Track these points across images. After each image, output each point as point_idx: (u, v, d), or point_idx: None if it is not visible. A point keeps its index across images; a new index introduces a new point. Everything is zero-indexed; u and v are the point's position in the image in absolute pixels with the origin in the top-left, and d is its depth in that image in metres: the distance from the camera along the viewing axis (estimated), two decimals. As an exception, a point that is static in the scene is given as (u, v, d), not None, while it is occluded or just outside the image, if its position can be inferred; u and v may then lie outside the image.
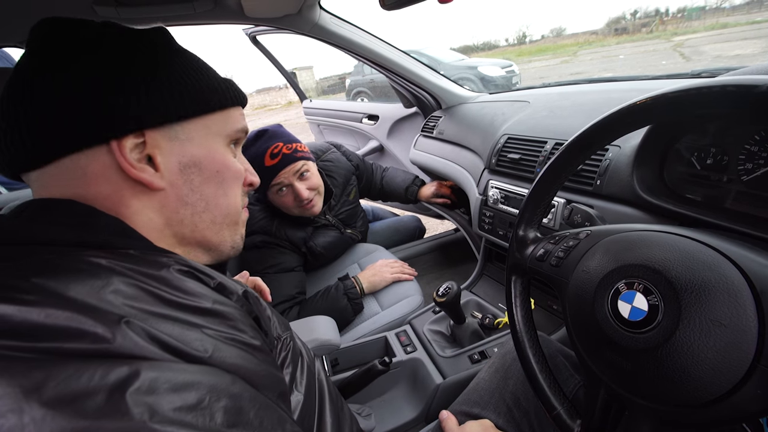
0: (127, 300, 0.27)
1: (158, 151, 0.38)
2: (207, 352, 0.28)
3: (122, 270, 0.29)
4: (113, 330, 0.24)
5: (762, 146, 0.55)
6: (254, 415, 0.27)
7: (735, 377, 0.32)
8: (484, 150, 1.18)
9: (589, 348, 0.43)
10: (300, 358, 0.48)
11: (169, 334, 0.27)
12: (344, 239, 1.33)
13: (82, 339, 0.23)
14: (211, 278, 0.36)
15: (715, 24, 26.70)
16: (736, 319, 0.32)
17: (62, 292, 0.25)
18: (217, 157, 0.42)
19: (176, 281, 0.32)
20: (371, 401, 0.91)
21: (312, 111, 2.48)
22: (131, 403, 0.22)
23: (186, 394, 0.24)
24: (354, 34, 1.28)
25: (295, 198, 1.10)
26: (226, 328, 0.32)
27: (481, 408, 0.64)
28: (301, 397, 0.43)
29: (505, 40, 72.99)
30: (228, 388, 0.27)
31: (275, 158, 1.05)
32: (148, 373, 0.23)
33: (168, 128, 0.39)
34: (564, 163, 0.53)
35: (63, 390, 0.20)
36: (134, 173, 0.37)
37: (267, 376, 0.33)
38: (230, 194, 0.44)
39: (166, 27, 0.44)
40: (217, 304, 0.33)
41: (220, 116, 0.43)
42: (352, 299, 1.11)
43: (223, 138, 0.44)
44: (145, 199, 0.38)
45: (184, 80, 0.40)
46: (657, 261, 0.38)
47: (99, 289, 0.26)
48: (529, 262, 0.55)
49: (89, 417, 0.20)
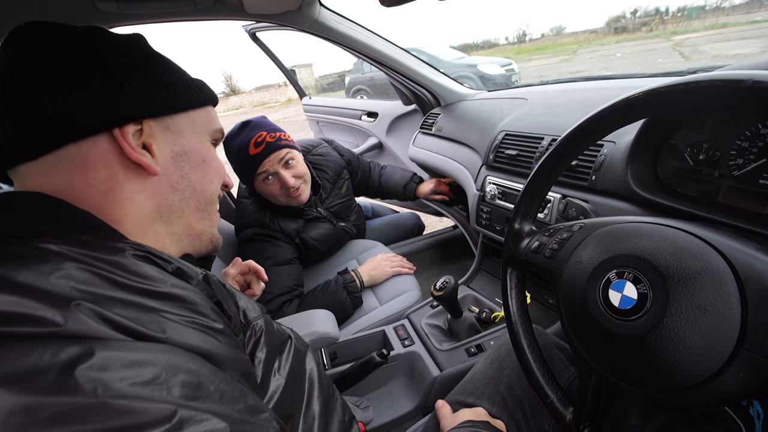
0: (77, 284, 0.27)
1: (153, 140, 0.41)
2: (164, 332, 0.28)
3: (73, 255, 0.29)
4: (63, 313, 0.24)
5: (752, 142, 0.56)
6: (214, 389, 0.27)
7: (719, 361, 0.33)
8: (482, 146, 1.20)
9: (581, 336, 0.45)
10: (287, 343, 0.49)
11: (124, 316, 0.27)
12: (337, 231, 1.34)
13: (30, 323, 0.23)
14: (169, 263, 0.36)
15: (715, 23, 26.70)
16: (720, 305, 0.34)
17: (9, 277, 0.25)
18: (202, 149, 0.47)
19: (131, 266, 0.32)
20: (369, 393, 0.92)
21: (311, 108, 2.49)
22: (82, 379, 0.22)
23: (141, 370, 0.24)
24: (354, 30, 1.28)
25: (281, 186, 1.11)
26: (186, 311, 0.32)
27: (475, 398, 0.65)
28: (282, 381, 0.44)
29: (505, 39, 72.86)
30: (185, 365, 0.27)
31: (259, 147, 1.07)
32: (102, 352, 0.24)
33: (162, 120, 0.43)
34: (558, 157, 0.54)
35: (11, 369, 0.21)
36: (136, 156, 0.39)
37: (229, 357, 0.33)
38: (214, 183, 0.48)
39: (164, 22, 0.48)
40: (175, 288, 0.33)
41: (202, 113, 0.48)
42: (352, 293, 1.12)
43: (207, 134, 0.48)
44: (138, 185, 0.40)
45: (170, 77, 0.44)
46: (646, 251, 0.39)
47: (48, 274, 0.26)
48: (524, 254, 0.56)
49: (39, 393, 0.20)
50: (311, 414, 0.47)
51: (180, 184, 0.44)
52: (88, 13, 0.85)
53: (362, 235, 1.54)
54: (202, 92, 0.48)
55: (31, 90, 0.36)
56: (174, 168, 0.43)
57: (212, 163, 0.48)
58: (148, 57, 0.43)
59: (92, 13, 0.85)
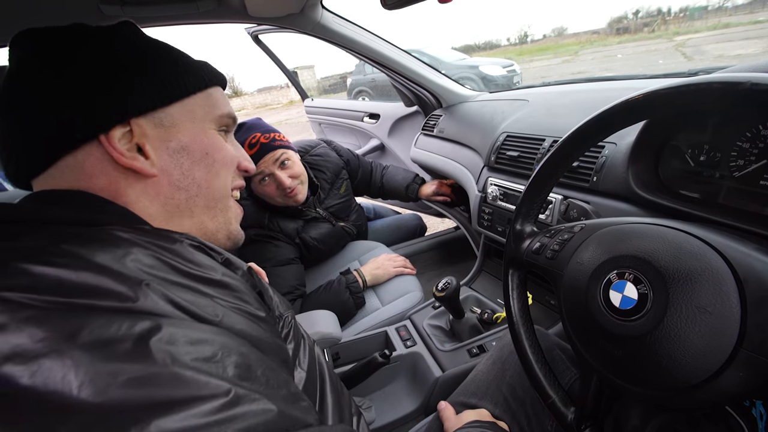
0: (145, 267, 0.30)
1: (146, 140, 0.40)
2: (218, 317, 0.31)
3: (140, 242, 0.32)
4: (136, 291, 0.27)
5: (753, 143, 0.56)
6: (261, 373, 0.29)
7: (719, 361, 0.33)
8: (484, 148, 1.20)
9: (582, 336, 0.45)
10: (302, 339, 0.50)
11: (184, 299, 0.29)
12: (337, 231, 1.34)
13: (110, 297, 0.26)
14: (219, 254, 0.39)
15: (718, 24, 26.62)
16: (720, 305, 0.34)
17: (90, 258, 0.27)
18: (204, 140, 0.44)
19: (188, 254, 0.34)
20: (372, 394, 0.93)
21: (314, 110, 2.49)
22: (155, 349, 0.24)
23: (201, 347, 0.26)
24: (356, 33, 1.29)
25: (277, 187, 1.11)
26: (233, 298, 0.34)
27: (478, 398, 0.66)
28: (304, 375, 0.45)
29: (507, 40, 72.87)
30: (238, 348, 0.29)
31: (253, 148, 1.07)
32: (169, 328, 0.26)
33: (152, 116, 0.40)
34: (560, 159, 0.54)
35: (96, 336, 0.23)
36: (126, 161, 0.38)
37: (271, 344, 0.35)
38: (222, 176, 0.45)
39: (133, 21, 0.46)
40: (226, 277, 0.36)
41: (201, 99, 0.44)
42: (354, 293, 1.13)
43: (210, 123, 0.45)
44: (139, 188, 0.40)
45: (158, 67, 0.41)
46: (646, 251, 0.39)
47: (121, 257, 0.29)
48: (525, 255, 0.56)
49: (119, 360, 0.23)
50: (326, 405, 0.48)
51: (183, 182, 0.42)
52: (92, 16, 0.86)
53: (364, 236, 1.54)
54: (198, 75, 0.44)
55: (12, 109, 0.37)
56: (173, 166, 0.41)
57: (218, 154, 0.45)
58: (133, 51, 0.41)
59: (96, 17, 0.86)
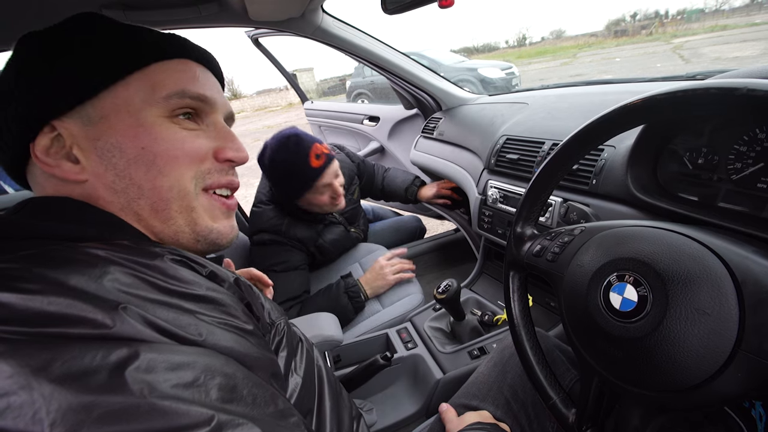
0: (123, 287, 0.28)
1: (75, 141, 0.36)
2: (201, 335, 0.29)
3: (118, 260, 0.30)
4: (112, 316, 0.25)
5: (750, 146, 0.57)
6: (247, 392, 0.28)
7: (717, 362, 0.34)
8: (484, 151, 1.21)
9: (582, 338, 0.45)
10: (299, 344, 0.50)
11: (165, 319, 0.28)
12: (350, 237, 1.36)
13: (84, 324, 0.24)
14: (203, 267, 0.37)
15: (715, 26, 26.77)
16: (718, 307, 0.34)
17: (63, 281, 0.26)
18: (140, 133, 0.37)
19: (170, 270, 0.33)
20: (373, 396, 0.93)
21: (313, 112, 2.50)
22: (131, 380, 0.23)
23: (182, 373, 0.25)
24: (356, 36, 1.30)
25: (330, 195, 1.14)
26: (219, 313, 0.33)
27: (479, 401, 0.66)
28: (300, 380, 0.45)
29: (505, 42, 73.14)
30: (222, 368, 0.28)
31: (320, 159, 1.07)
32: (147, 354, 0.24)
33: (77, 113, 0.36)
34: (560, 162, 0.55)
35: (68, 369, 0.22)
36: (50, 170, 0.36)
37: (259, 358, 0.34)
38: (170, 174, 0.38)
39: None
40: (210, 291, 0.34)
41: (139, 80, 0.37)
42: (353, 297, 1.13)
43: (152, 108, 0.38)
44: (79, 193, 0.37)
45: (72, 54, 0.36)
46: (646, 254, 0.40)
47: (97, 278, 0.27)
48: (526, 257, 0.57)
49: (93, 392, 0.21)
50: (324, 410, 0.48)
51: (118, 185, 0.37)
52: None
53: (365, 238, 1.55)
54: (129, 51, 0.37)
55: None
56: (104, 168, 0.37)
57: (158, 147, 0.37)
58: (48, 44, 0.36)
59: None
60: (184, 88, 0.39)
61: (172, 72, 0.39)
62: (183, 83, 0.39)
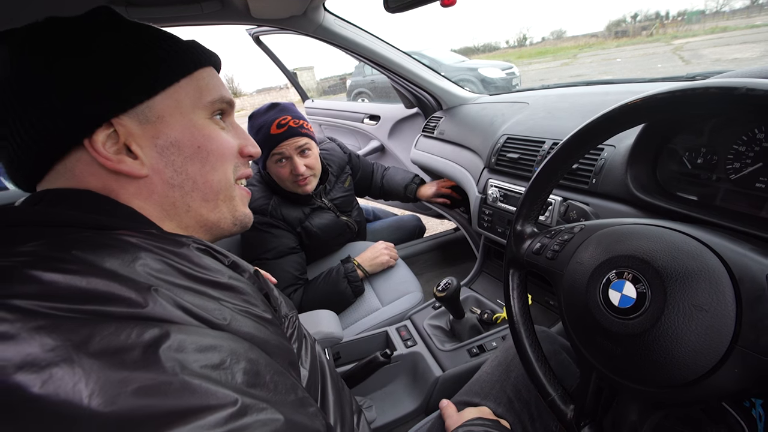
0: (154, 272, 0.30)
1: (132, 139, 0.38)
2: (226, 320, 0.31)
3: (149, 246, 0.32)
4: (145, 296, 0.27)
5: (749, 146, 0.58)
6: (270, 378, 0.29)
7: (714, 358, 0.34)
8: (484, 150, 1.21)
9: (582, 335, 0.46)
10: (304, 338, 0.51)
11: (193, 303, 0.29)
12: (340, 224, 1.37)
13: (120, 303, 0.26)
14: (225, 257, 0.39)
15: (715, 27, 26.78)
16: (716, 304, 0.35)
17: (99, 264, 0.27)
18: (195, 133, 0.41)
19: (196, 258, 0.34)
20: (372, 393, 0.93)
21: (314, 111, 2.51)
22: (164, 357, 0.24)
23: (210, 354, 0.26)
24: (357, 35, 1.30)
25: (291, 171, 1.14)
26: (240, 301, 0.34)
27: (481, 398, 0.66)
28: (307, 373, 0.46)
29: (506, 42, 73.15)
30: (246, 353, 0.29)
31: (281, 128, 1.10)
32: (177, 335, 0.26)
33: (134, 112, 0.38)
34: (560, 161, 0.55)
35: (106, 345, 0.23)
36: (112, 165, 0.37)
37: (278, 346, 0.35)
38: (219, 169, 0.43)
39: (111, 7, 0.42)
40: (233, 279, 0.36)
41: (188, 85, 0.41)
42: (352, 282, 1.16)
43: (200, 111, 0.42)
44: (132, 189, 0.39)
45: (133, 58, 0.38)
46: (645, 251, 0.40)
47: (130, 262, 0.29)
48: (526, 255, 0.57)
49: (129, 368, 0.23)
50: (328, 404, 0.48)
51: (176, 180, 0.40)
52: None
53: (363, 236, 1.56)
54: (181, 59, 0.40)
55: (6, 113, 0.36)
56: (164, 164, 0.39)
57: (212, 146, 0.42)
58: (103, 44, 0.37)
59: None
60: (222, 93, 0.44)
61: (209, 78, 0.44)
62: (219, 89, 0.44)
